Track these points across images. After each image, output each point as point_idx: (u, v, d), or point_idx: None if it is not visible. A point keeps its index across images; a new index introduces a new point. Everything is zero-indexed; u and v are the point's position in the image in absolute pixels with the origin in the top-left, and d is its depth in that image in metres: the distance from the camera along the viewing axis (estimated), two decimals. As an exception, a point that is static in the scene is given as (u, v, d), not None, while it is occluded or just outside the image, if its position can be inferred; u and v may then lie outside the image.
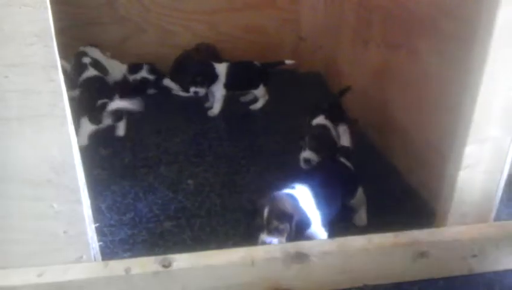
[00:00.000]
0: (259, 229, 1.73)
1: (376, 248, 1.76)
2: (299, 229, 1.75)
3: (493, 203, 1.85)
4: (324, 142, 2.30)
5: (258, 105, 3.14)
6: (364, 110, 2.87)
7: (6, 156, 1.46)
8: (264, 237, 1.72)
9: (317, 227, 1.83)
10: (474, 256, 1.84)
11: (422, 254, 1.79)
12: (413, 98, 2.30)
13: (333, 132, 2.34)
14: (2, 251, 1.60)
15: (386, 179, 2.35)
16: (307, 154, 2.28)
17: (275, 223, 1.71)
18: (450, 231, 1.84)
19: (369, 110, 2.80)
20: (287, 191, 1.82)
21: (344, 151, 2.16)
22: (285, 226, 1.72)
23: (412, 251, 1.79)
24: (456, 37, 1.91)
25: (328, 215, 1.87)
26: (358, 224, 2.10)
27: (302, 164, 2.30)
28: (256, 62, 3.11)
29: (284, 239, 1.73)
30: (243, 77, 3.08)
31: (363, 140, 2.72)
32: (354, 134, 2.32)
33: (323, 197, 1.87)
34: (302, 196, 1.82)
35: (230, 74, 2.99)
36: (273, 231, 1.72)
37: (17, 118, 1.41)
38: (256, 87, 3.09)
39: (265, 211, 1.72)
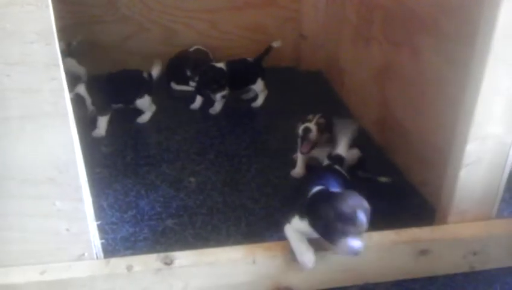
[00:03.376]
0: (350, 233, 1.57)
1: (377, 246, 1.77)
2: None
3: (494, 201, 1.85)
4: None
5: (260, 101, 3.15)
6: (365, 108, 2.88)
7: (8, 154, 1.47)
8: (356, 243, 1.56)
9: None
10: (475, 254, 1.84)
11: (423, 252, 1.80)
12: (414, 96, 2.30)
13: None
14: (5, 249, 1.61)
15: (386, 176, 2.35)
16: (308, 125, 2.29)
17: (365, 225, 1.59)
18: (451, 229, 1.84)
19: (370, 108, 2.80)
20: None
21: (337, 159, 2.15)
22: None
23: (413, 248, 1.79)
24: (457, 36, 1.91)
25: None
26: None
27: (301, 133, 2.31)
28: (248, 58, 3.12)
29: None
30: (240, 74, 3.07)
31: (362, 137, 2.72)
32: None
33: None
34: None
35: (229, 73, 2.99)
36: (361, 235, 1.59)
37: (18, 116, 1.42)
38: (254, 82, 3.09)
39: (361, 216, 1.57)
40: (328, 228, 1.59)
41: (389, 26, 2.53)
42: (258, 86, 3.12)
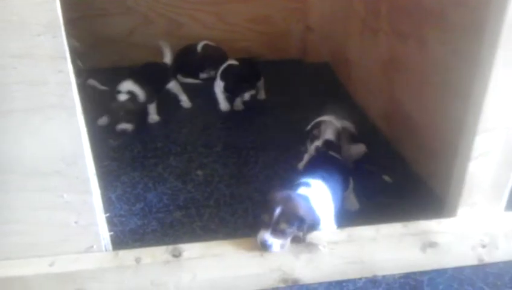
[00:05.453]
0: (264, 225, 1.66)
1: (385, 238, 1.76)
2: (309, 232, 1.69)
3: (504, 193, 1.83)
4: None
5: (263, 93, 3.17)
6: (372, 100, 2.86)
7: (16, 147, 1.47)
8: (265, 235, 1.64)
9: (330, 222, 1.81)
10: (484, 246, 1.83)
11: (432, 244, 1.79)
12: (422, 87, 2.28)
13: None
14: (14, 242, 1.62)
15: (394, 169, 2.34)
16: (320, 143, 2.22)
17: (283, 225, 1.63)
18: (460, 221, 1.83)
19: (376, 100, 2.78)
20: (302, 190, 1.76)
21: (329, 144, 2.14)
22: (292, 229, 1.65)
23: (421, 241, 1.78)
24: (465, 26, 1.89)
25: (337, 208, 1.86)
26: (351, 208, 2.10)
27: (313, 153, 2.25)
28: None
29: (286, 241, 1.67)
30: (253, 72, 3.07)
31: (370, 129, 2.71)
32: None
33: (334, 190, 1.86)
34: (318, 194, 1.78)
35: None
36: (278, 233, 1.65)
37: (25, 109, 1.42)
38: (260, 79, 3.10)
39: (276, 211, 1.63)
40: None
41: (396, 17, 2.51)
42: (262, 82, 3.13)
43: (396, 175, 2.32)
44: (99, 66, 3.25)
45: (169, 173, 2.40)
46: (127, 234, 2.00)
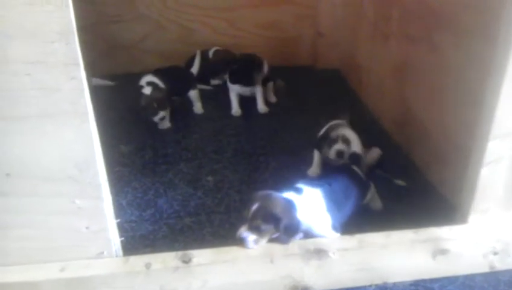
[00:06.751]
0: (244, 221, 1.71)
1: (395, 245, 1.75)
2: (288, 234, 1.70)
3: (516, 199, 1.82)
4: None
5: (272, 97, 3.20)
6: (383, 106, 2.85)
7: (29, 153, 1.48)
8: (241, 230, 1.70)
9: (327, 230, 1.80)
10: (496, 253, 1.81)
11: (443, 251, 1.77)
12: (434, 92, 2.27)
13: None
14: (25, 247, 1.63)
15: (405, 175, 2.33)
16: (340, 146, 2.22)
17: (258, 221, 1.67)
18: (471, 228, 1.82)
19: (388, 106, 2.77)
20: (288, 194, 1.78)
21: (355, 158, 2.14)
22: (268, 227, 1.68)
23: (432, 247, 1.77)
24: (478, 31, 1.88)
25: (340, 218, 1.86)
26: (376, 208, 2.13)
27: (334, 157, 2.24)
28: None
29: (263, 240, 1.70)
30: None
31: (381, 135, 2.70)
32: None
33: (336, 203, 1.85)
34: (306, 201, 1.78)
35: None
36: (254, 228, 1.68)
37: (39, 115, 1.43)
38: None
39: (253, 207, 1.69)
40: None
41: (407, 22, 2.51)
42: (271, 85, 3.16)
43: (408, 181, 2.30)
44: (112, 72, 3.29)
45: (180, 179, 2.40)
46: (138, 240, 2.01)
